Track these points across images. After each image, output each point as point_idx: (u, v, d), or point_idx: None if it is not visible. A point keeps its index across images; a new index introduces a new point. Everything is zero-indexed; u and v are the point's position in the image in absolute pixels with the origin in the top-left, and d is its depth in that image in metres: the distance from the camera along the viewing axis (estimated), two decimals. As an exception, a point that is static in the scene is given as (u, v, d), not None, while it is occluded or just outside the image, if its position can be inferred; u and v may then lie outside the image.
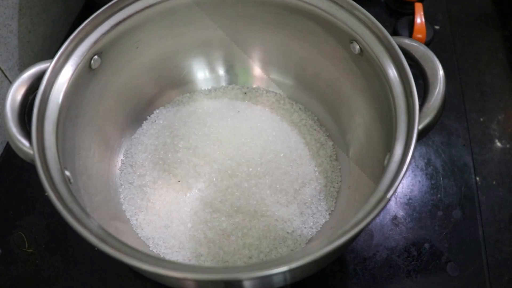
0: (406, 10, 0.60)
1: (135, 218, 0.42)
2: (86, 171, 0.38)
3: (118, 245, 0.27)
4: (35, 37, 0.56)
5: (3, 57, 0.50)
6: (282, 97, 0.50)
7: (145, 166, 0.44)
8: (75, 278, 0.42)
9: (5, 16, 0.49)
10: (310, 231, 0.41)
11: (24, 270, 0.42)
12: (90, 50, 0.37)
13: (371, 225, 0.44)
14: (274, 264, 0.25)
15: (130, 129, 0.48)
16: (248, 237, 0.39)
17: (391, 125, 0.33)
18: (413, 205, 0.45)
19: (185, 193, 0.42)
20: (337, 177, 0.44)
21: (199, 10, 0.44)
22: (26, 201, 0.46)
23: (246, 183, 0.42)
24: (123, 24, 0.40)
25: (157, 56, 0.46)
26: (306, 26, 0.42)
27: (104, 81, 0.41)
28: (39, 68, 0.35)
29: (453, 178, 0.47)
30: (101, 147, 0.43)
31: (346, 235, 0.27)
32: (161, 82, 0.49)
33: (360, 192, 0.39)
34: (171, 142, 0.45)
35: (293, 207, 0.41)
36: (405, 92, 0.33)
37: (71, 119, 0.37)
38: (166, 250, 0.40)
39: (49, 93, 0.35)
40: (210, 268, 0.27)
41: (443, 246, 0.42)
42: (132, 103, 0.47)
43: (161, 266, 0.26)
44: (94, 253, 0.42)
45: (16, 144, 0.32)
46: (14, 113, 0.34)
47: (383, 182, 0.29)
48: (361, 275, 0.41)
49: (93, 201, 0.37)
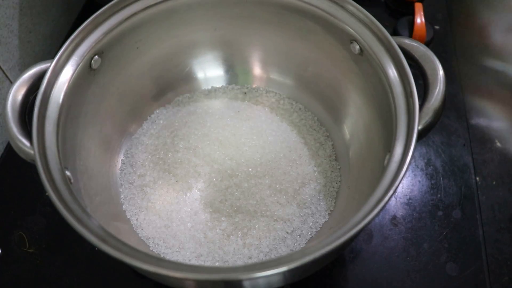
0: (406, 10, 0.60)
1: (135, 218, 0.42)
2: (86, 171, 0.38)
3: (118, 245, 0.27)
4: (35, 37, 0.56)
5: (4, 57, 0.50)
6: (282, 97, 0.50)
7: (145, 166, 0.44)
8: (76, 278, 0.42)
9: (6, 16, 0.50)
10: (309, 231, 0.41)
11: (24, 270, 0.42)
12: (90, 50, 0.38)
13: (371, 225, 0.44)
14: (274, 264, 0.26)
15: (130, 129, 0.48)
16: (248, 237, 0.40)
17: (391, 125, 0.33)
18: (413, 205, 0.45)
19: (185, 193, 0.42)
20: (337, 177, 0.44)
21: (199, 10, 0.44)
22: (27, 201, 0.46)
23: (246, 183, 0.42)
24: (124, 24, 0.40)
25: (157, 56, 0.46)
26: (306, 26, 0.42)
27: (104, 81, 0.41)
28: (39, 68, 0.35)
29: (453, 178, 0.47)
30: (101, 147, 0.43)
31: (345, 235, 0.27)
32: (161, 82, 0.49)
33: (359, 192, 0.40)
34: (171, 142, 0.45)
35: (292, 207, 0.41)
36: (405, 92, 0.33)
37: (72, 119, 0.37)
38: (166, 250, 0.40)
39: (50, 93, 0.35)
40: (210, 268, 0.27)
41: (442, 246, 0.42)
42: (132, 103, 0.47)
43: (161, 266, 0.26)
44: (94, 253, 0.43)
45: (17, 144, 0.33)
46: (15, 113, 0.34)
47: (383, 182, 0.29)
48: (361, 275, 0.41)
49: (93, 201, 0.37)
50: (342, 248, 0.39)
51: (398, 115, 0.33)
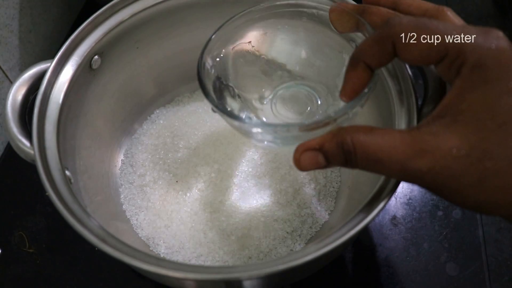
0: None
1: (135, 218, 0.42)
2: (86, 171, 0.38)
3: (118, 245, 0.27)
4: (35, 37, 0.56)
5: (4, 57, 0.50)
6: (282, 97, 0.50)
7: (145, 166, 0.44)
8: (76, 278, 0.42)
9: (6, 16, 0.50)
10: (309, 231, 0.41)
11: (24, 270, 0.42)
12: (90, 50, 0.38)
13: (371, 225, 0.44)
14: (274, 264, 0.26)
15: (130, 129, 0.48)
16: (248, 237, 0.40)
17: (391, 125, 0.33)
18: (413, 205, 0.45)
19: (185, 193, 0.42)
20: (337, 177, 0.44)
21: (199, 10, 0.44)
22: (27, 201, 0.46)
23: (246, 183, 0.42)
24: (124, 24, 0.40)
25: (157, 56, 0.46)
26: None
27: (104, 81, 0.41)
28: (39, 68, 0.35)
29: (453, 178, 0.47)
30: (101, 147, 0.43)
31: (345, 235, 0.27)
32: (161, 82, 0.49)
33: (359, 192, 0.40)
34: (171, 142, 0.45)
35: (292, 207, 0.41)
36: (405, 92, 0.33)
37: (72, 119, 0.37)
38: (166, 250, 0.40)
39: (50, 93, 0.35)
40: (210, 268, 0.27)
41: (442, 246, 0.42)
42: (132, 103, 0.47)
43: (161, 266, 0.26)
44: (94, 253, 0.43)
45: (17, 144, 0.33)
46: (15, 113, 0.34)
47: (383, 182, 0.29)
48: (360, 275, 0.41)
49: (93, 201, 0.37)
50: (342, 248, 0.39)
51: (398, 115, 0.33)
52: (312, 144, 0.24)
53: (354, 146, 0.23)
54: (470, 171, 0.21)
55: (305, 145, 0.25)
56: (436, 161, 0.21)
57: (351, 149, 0.23)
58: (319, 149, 0.24)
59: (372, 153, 0.23)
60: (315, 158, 0.24)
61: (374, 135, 0.23)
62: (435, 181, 0.22)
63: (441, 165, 0.21)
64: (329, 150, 0.24)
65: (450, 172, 0.21)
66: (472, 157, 0.21)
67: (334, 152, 0.24)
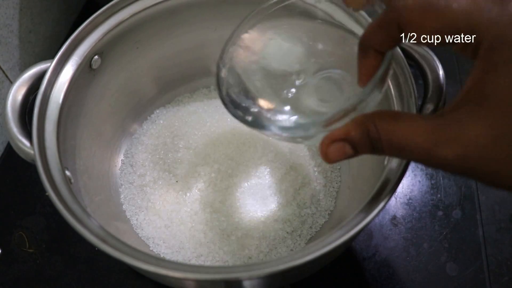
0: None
1: (135, 218, 0.42)
2: (86, 171, 0.38)
3: (118, 245, 0.27)
4: (35, 37, 0.56)
5: (4, 57, 0.50)
6: (282, 97, 0.50)
7: (145, 166, 0.44)
8: (76, 278, 0.42)
9: (6, 16, 0.50)
10: (309, 231, 0.41)
11: (24, 270, 0.42)
12: (90, 50, 0.38)
13: (370, 225, 0.44)
14: (274, 264, 0.26)
15: (130, 129, 0.48)
16: (248, 237, 0.40)
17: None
18: (413, 205, 0.45)
19: (185, 193, 0.42)
20: (337, 177, 0.44)
21: (199, 10, 0.44)
22: (27, 201, 0.46)
23: (246, 183, 0.42)
24: (124, 24, 0.40)
25: (157, 56, 0.46)
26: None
27: (104, 81, 0.41)
28: (39, 68, 0.35)
29: (453, 178, 0.47)
30: (101, 147, 0.43)
31: (345, 235, 0.27)
32: (161, 82, 0.49)
33: (359, 192, 0.40)
34: (171, 142, 0.45)
35: (292, 207, 0.41)
36: (405, 92, 0.33)
37: (72, 119, 0.37)
38: (166, 250, 0.40)
39: (50, 93, 0.35)
40: (210, 268, 0.27)
41: (442, 246, 0.42)
42: (132, 103, 0.47)
43: (161, 266, 0.26)
44: (94, 253, 0.43)
45: (17, 144, 0.33)
46: (15, 113, 0.34)
47: (383, 182, 0.29)
48: (360, 275, 0.41)
49: (93, 201, 0.37)
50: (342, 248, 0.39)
51: (398, 115, 0.33)
52: (338, 135, 0.24)
53: (379, 133, 0.23)
54: (501, 157, 0.20)
55: (330, 137, 0.24)
56: (463, 149, 0.21)
57: (376, 136, 0.23)
58: (345, 138, 0.24)
59: (396, 141, 0.22)
60: (343, 148, 0.24)
61: (399, 122, 0.22)
62: (463, 166, 0.21)
63: (468, 152, 0.21)
64: (355, 139, 0.23)
65: (479, 159, 0.20)
66: (499, 145, 0.20)
67: (361, 141, 0.23)
